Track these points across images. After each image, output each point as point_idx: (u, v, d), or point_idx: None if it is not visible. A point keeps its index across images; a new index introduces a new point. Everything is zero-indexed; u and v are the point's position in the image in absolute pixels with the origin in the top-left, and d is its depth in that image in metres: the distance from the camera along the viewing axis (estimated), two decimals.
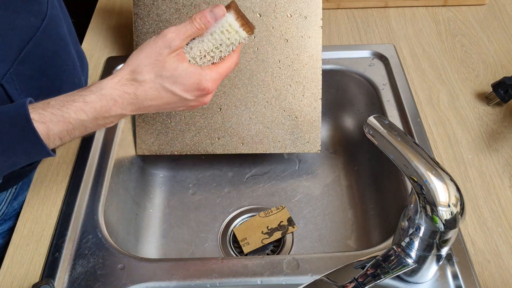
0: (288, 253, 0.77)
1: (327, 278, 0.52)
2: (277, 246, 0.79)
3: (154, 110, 0.55)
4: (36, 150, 0.50)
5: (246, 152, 0.79)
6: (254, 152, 0.80)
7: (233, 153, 0.79)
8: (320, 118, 0.79)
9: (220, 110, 0.78)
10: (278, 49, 0.77)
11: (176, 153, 0.79)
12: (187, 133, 0.79)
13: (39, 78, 0.63)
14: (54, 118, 0.50)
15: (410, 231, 0.51)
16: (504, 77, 0.74)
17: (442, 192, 0.45)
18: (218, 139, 0.79)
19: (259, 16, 0.76)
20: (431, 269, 0.55)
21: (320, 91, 0.78)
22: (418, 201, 0.47)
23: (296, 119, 0.79)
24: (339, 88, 0.89)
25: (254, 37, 0.77)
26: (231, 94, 0.78)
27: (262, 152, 0.80)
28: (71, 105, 0.51)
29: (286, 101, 0.78)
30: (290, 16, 0.77)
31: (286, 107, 0.78)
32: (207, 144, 0.79)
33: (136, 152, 0.80)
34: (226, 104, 0.78)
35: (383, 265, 0.53)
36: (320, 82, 0.78)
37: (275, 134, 0.79)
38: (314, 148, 0.80)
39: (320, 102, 0.79)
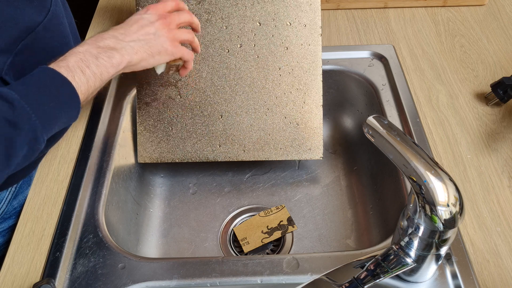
0: (288, 253, 0.78)
1: (326, 277, 0.52)
2: (277, 246, 0.79)
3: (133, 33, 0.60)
4: (65, 89, 0.53)
5: (247, 159, 0.80)
6: (256, 159, 0.80)
7: (235, 160, 0.80)
8: (322, 125, 0.79)
9: (221, 117, 0.79)
10: (278, 57, 0.78)
11: (177, 160, 0.80)
12: (188, 141, 0.79)
13: None
14: (68, 54, 0.55)
15: (410, 231, 0.51)
16: (503, 77, 0.75)
17: (441, 192, 0.45)
18: (220, 146, 0.79)
19: (259, 24, 0.77)
20: (430, 268, 0.55)
21: (321, 98, 0.79)
22: (417, 200, 0.48)
23: (298, 126, 0.79)
24: (339, 88, 0.89)
25: (255, 45, 0.78)
26: (232, 101, 0.78)
27: (264, 159, 0.80)
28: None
29: (287, 108, 0.79)
30: (289, 24, 0.77)
31: (287, 114, 0.79)
32: (208, 151, 0.79)
33: (137, 160, 0.80)
34: (227, 111, 0.79)
35: (383, 265, 0.53)
36: (321, 89, 0.79)
37: (276, 141, 0.79)
38: (316, 155, 0.80)
39: (321, 109, 0.79)
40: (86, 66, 0.55)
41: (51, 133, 0.53)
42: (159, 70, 0.68)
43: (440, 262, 0.55)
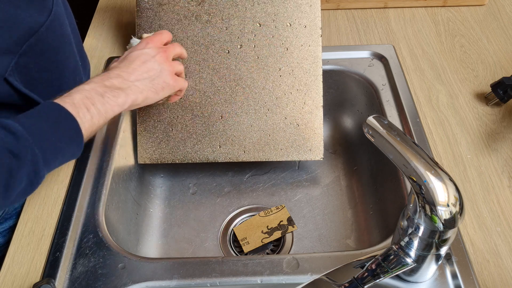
0: (288, 253, 0.78)
1: (326, 277, 0.52)
2: (277, 246, 0.79)
3: (138, 75, 0.61)
4: (69, 125, 0.53)
5: (247, 160, 0.79)
6: (256, 160, 0.80)
7: (235, 161, 0.80)
8: (322, 125, 0.79)
9: (222, 118, 0.79)
10: (279, 57, 0.78)
11: (177, 161, 0.79)
12: (188, 141, 0.79)
13: (40, 72, 0.64)
14: (73, 91, 0.56)
15: (410, 231, 0.51)
16: (503, 77, 0.75)
17: (441, 192, 0.45)
18: (220, 147, 0.79)
19: (259, 25, 0.77)
20: (430, 268, 0.55)
21: (321, 98, 0.79)
22: (417, 200, 0.48)
23: (298, 127, 0.79)
24: (339, 88, 0.89)
25: (255, 46, 0.78)
26: (232, 101, 0.78)
27: (264, 160, 0.80)
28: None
29: (287, 109, 0.79)
30: (290, 25, 0.78)
31: (287, 114, 0.79)
32: (208, 152, 0.79)
33: (137, 161, 0.80)
34: (227, 112, 0.79)
35: (383, 265, 0.53)
36: (321, 90, 0.79)
37: (276, 142, 0.79)
38: (317, 156, 0.80)
39: (321, 109, 0.79)
40: (92, 104, 0.55)
41: (51, 168, 0.53)
42: None
43: (440, 262, 0.55)
